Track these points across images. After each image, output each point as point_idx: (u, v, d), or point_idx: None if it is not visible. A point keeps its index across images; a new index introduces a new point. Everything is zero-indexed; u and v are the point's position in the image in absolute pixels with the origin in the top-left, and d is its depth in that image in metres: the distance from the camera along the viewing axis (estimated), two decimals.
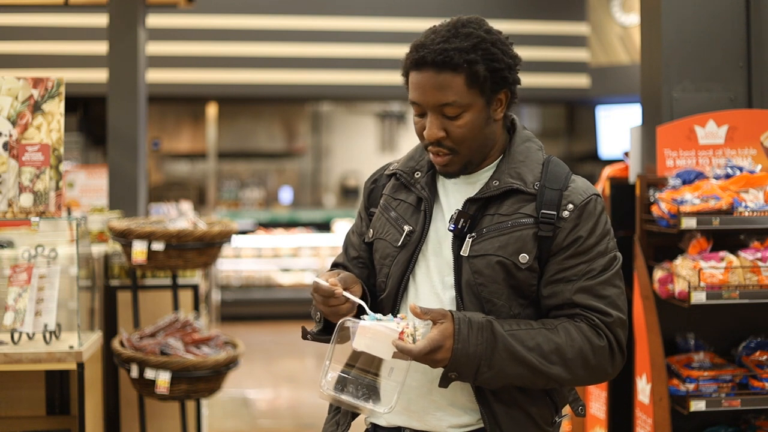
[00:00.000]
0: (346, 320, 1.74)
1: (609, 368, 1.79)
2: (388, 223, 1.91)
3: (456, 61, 1.74)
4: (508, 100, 1.84)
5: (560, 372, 1.74)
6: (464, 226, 1.80)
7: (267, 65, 10.13)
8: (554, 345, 1.73)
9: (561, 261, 1.78)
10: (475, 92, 1.77)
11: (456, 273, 1.80)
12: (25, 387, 3.53)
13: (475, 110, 1.78)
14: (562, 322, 1.76)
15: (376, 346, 1.69)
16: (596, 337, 1.76)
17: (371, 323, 1.70)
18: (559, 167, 1.85)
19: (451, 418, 1.81)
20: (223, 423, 6.03)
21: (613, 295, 1.79)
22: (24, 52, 9.53)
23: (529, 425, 1.80)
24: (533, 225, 1.79)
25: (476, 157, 1.84)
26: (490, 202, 1.82)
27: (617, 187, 3.56)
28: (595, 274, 1.78)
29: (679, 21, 3.42)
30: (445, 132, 1.79)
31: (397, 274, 1.86)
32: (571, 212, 1.79)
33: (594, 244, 1.79)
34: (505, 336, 1.71)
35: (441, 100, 1.77)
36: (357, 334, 1.69)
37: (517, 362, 1.71)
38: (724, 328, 3.26)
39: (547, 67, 10.45)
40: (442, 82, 1.76)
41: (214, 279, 8.93)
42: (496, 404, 1.78)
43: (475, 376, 1.71)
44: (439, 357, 1.68)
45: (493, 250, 1.78)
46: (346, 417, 1.91)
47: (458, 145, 1.80)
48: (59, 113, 3.16)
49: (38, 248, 3.27)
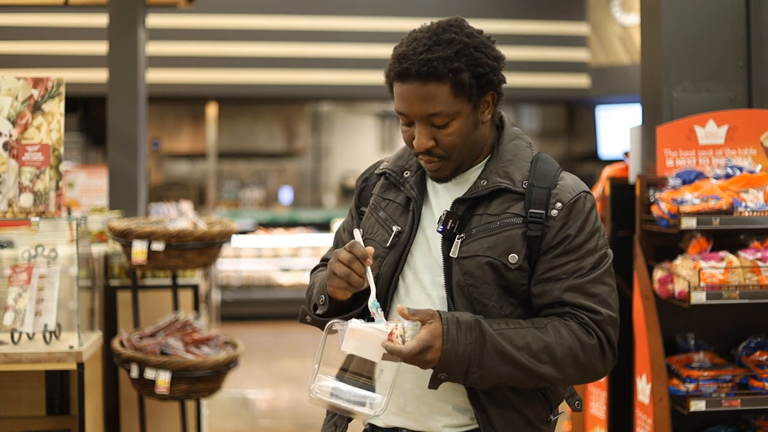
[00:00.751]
0: (335, 323, 1.71)
1: (600, 367, 1.77)
2: (377, 223, 1.90)
3: (440, 72, 1.72)
4: (495, 100, 1.82)
5: (550, 371, 1.72)
6: (453, 226, 1.79)
7: (267, 65, 10.13)
8: (543, 344, 1.72)
9: (550, 259, 1.77)
10: (461, 100, 1.75)
11: (446, 274, 1.79)
12: (25, 387, 3.53)
13: (463, 117, 1.77)
14: (551, 321, 1.75)
15: (365, 348, 1.67)
16: (586, 336, 1.74)
17: (360, 325, 1.68)
18: (547, 164, 1.84)
19: (447, 419, 1.81)
20: (223, 423, 6.03)
21: (603, 293, 1.77)
22: (24, 52, 9.53)
23: (523, 425, 1.79)
24: (522, 224, 1.77)
25: (467, 161, 1.83)
26: (479, 202, 1.81)
27: (617, 187, 3.55)
28: (585, 272, 1.77)
29: (679, 21, 3.42)
30: (434, 141, 1.78)
31: (386, 274, 1.85)
32: (559, 211, 1.77)
33: (583, 242, 1.78)
34: (494, 335, 1.70)
35: (428, 111, 1.75)
36: (346, 336, 1.67)
37: (507, 361, 1.70)
38: (724, 328, 3.26)
39: (547, 67, 10.45)
40: (428, 93, 1.74)
41: (214, 279, 8.93)
42: (489, 405, 1.77)
43: (465, 376, 1.70)
44: (429, 357, 1.67)
45: (482, 251, 1.77)
46: (343, 419, 1.90)
47: (449, 152, 1.79)
48: (59, 113, 3.16)
49: (38, 248, 3.27)
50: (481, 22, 2.31)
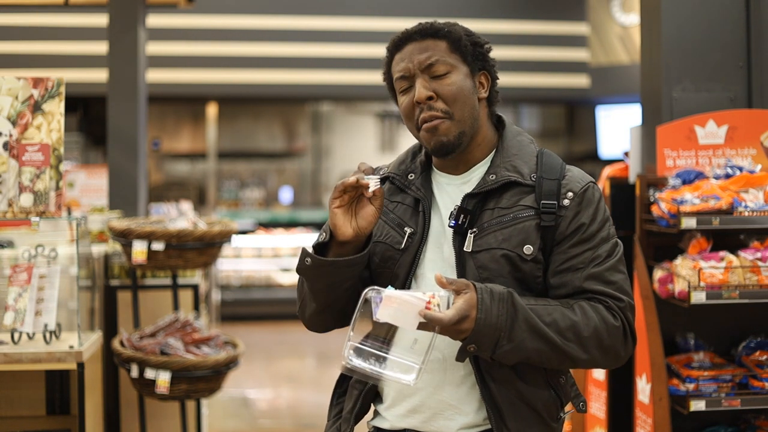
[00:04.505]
0: (370, 289, 1.68)
1: (621, 351, 1.79)
2: (386, 225, 1.90)
3: (437, 28, 1.83)
4: (489, 84, 1.88)
5: (576, 350, 1.73)
6: (464, 221, 1.80)
7: (267, 65, 10.13)
8: (570, 322, 1.73)
9: (566, 249, 1.79)
10: (457, 57, 1.83)
11: (459, 269, 1.80)
12: (25, 387, 3.53)
13: (461, 73, 1.83)
14: (578, 302, 1.77)
15: (401, 317, 1.64)
16: (612, 318, 1.77)
17: (397, 292, 1.65)
18: (552, 158, 1.86)
19: (460, 418, 1.80)
20: (223, 423, 6.03)
21: (620, 280, 1.80)
22: (24, 52, 9.53)
23: (534, 420, 1.79)
24: (535, 216, 1.79)
25: (468, 128, 1.83)
26: (489, 196, 1.82)
27: (617, 187, 3.55)
28: (602, 260, 1.79)
29: (679, 21, 3.43)
30: (434, 93, 1.81)
31: (401, 276, 1.85)
32: (571, 200, 1.80)
33: (597, 230, 1.80)
34: (525, 308, 1.71)
35: (427, 60, 1.81)
36: (382, 304, 1.64)
37: (536, 336, 1.70)
38: (724, 328, 3.27)
39: (547, 67, 10.45)
40: (426, 46, 1.82)
41: (214, 279, 8.94)
42: (500, 398, 1.77)
43: (495, 348, 1.69)
44: (465, 327, 1.66)
45: (497, 244, 1.78)
46: (347, 423, 1.89)
47: (450, 104, 1.81)
48: (59, 113, 3.16)
49: (38, 248, 3.27)
50: (481, 22, 2.33)
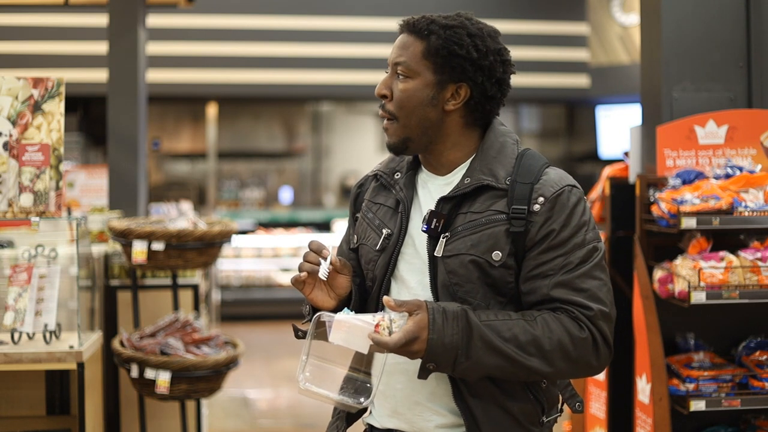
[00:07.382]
0: (323, 314, 1.72)
1: (593, 361, 1.74)
2: (369, 227, 1.91)
3: (420, 28, 1.79)
4: (467, 98, 1.80)
5: (539, 364, 1.70)
6: (437, 225, 1.77)
7: (267, 65, 10.13)
8: (531, 336, 1.69)
9: (536, 256, 1.74)
10: (426, 64, 1.79)
11: (431, 273, 1.79)
12: (25, 387, 3.53)
13: (422, 82, 1.80)
14: (542, 314, 1.72)
15: (353, 340, 1.68)
16: (577, 330, 1.71)
17: (346, 317, 1.69)
18: (533, 160, 1.81)
19: (437, 418, 1.80)
20: (223, 423, 6.03)
21: (593, 287, 1.73)
22: (24, 52, 9.54)
23: (510, 425, 1.76)
24: (505, 221, 1.75)
25: (416, 136, 1.83)
26: (464, 200, 1.80)
27: (617, 187, 3.56)
28: (573, 267, 1.73)
29: (679, 21, 3.43)
30: (389, 92, 1.83)
31: (379, 277, 1.85)
32: (542, 205, 1.74)
33: (569, 236, 1.74)
34: (480, 326, 1.68)
35: (397, 58, 1.81)
36: (333, 327, 1.68)
37: (494, 352, 1.68)
38: (724, 328, 3.26)
39: (547, 67, 10.45)
40: (406, 42, 1.81)
41: (214, 279, 8.93)
42: (472, 401, 1.75)
43: (454, 366, 1.68)
44: (415, 348, 1.65)
45: (466, 249, 1.75)
46: (342, 421, 1.90)
47: (396, 110, 1.82)
48: (59, 113, 3.16)
49: (38, 248, 3.27)
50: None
